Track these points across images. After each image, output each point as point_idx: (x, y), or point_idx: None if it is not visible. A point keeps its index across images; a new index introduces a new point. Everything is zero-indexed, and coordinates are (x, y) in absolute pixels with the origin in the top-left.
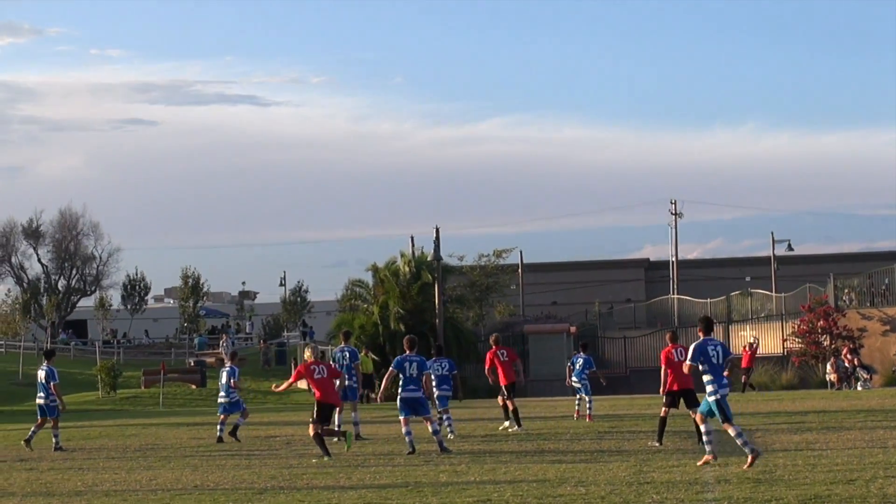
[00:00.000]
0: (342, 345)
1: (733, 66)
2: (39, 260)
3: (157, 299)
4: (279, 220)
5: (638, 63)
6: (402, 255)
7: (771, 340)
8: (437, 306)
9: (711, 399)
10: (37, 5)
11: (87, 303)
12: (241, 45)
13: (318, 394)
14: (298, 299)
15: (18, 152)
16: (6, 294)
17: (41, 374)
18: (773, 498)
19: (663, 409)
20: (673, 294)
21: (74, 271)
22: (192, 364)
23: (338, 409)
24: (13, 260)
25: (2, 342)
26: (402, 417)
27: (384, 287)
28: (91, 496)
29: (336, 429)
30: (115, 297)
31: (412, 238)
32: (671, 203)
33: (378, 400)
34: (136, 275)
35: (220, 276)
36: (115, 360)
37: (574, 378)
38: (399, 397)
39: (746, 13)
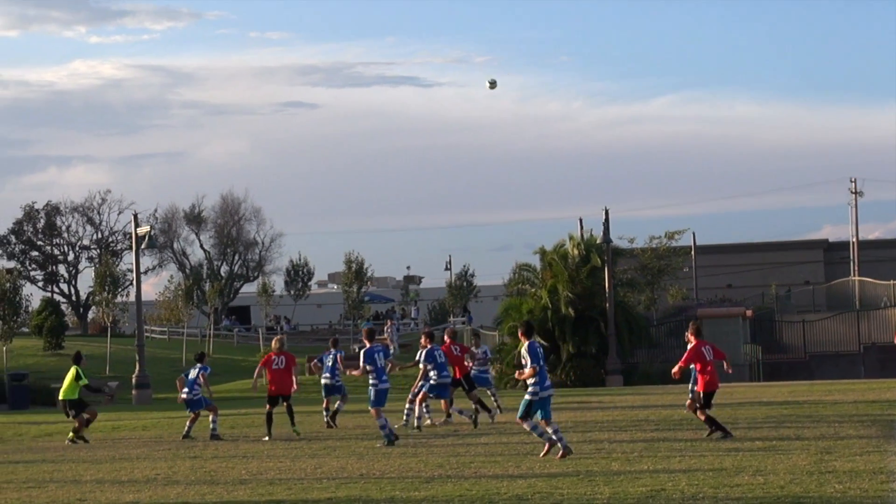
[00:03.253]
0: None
1: None
2: (202, 246)
3: (321, 284)
4: (444, 203)
5: (813, 36)
6: (571, 238)
7: None
8: (606, 290)
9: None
10: None
11: (249, 289)
12: (403, 25)
13: (271, 387)
14: (464, 283)
15: (179, 137)
16: (169, 281)
17: (193, 372)
18: None
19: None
20: (854, 276)
21: (237, 257)
22: (357, 350)
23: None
24: (175, 246)
25: (165, 329)
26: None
27: (552, 271)
28: (255, 485)
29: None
30: (277, 283)
31: (580, 220)
32: (851, 181)
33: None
34: (299, 260)
35: (384, 260)
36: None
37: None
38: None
39: None
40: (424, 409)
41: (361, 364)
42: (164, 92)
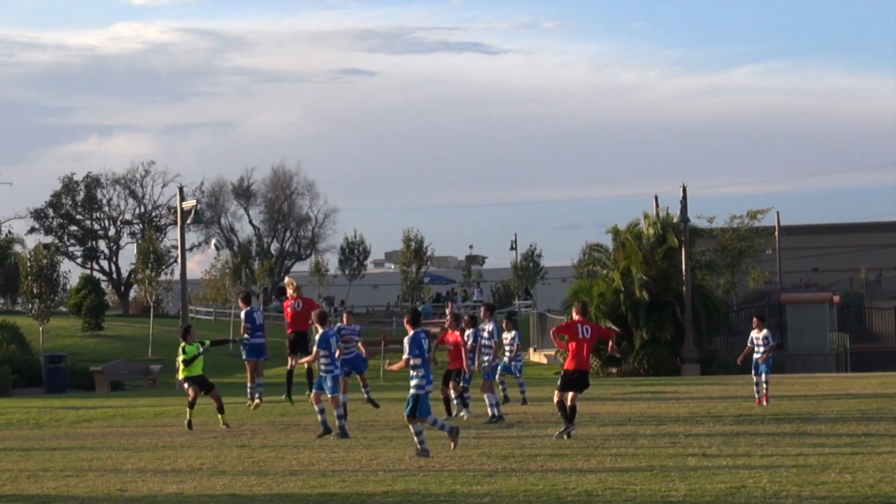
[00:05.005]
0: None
1: None
2: (251, 221)
3: (377, 264)
4: (509, 179)
5: None
6: (646, 217)
7: None
8: (683, 273)
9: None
10: None
11: (301, 267)
12: None
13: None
14: (531, 264)
15: (228, 106)
16: (215, 258)
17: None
18: None
19: None
20: None
21: (288, 234)
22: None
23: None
24: (223, 221)
25: (211, 310)
26: None
27: (625, 251)
28: (307, 476)
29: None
30: (331, 262)
31: (656, 198)
32: None
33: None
34: (355, 238)
35: (445, 239)
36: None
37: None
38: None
39: None
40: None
41: (406, 355)
42: (212, 57)
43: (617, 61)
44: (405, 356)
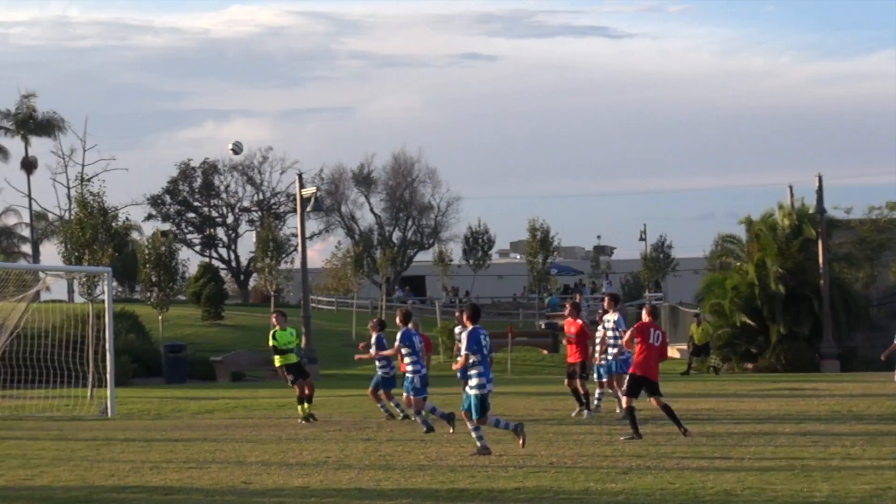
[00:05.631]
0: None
1: None
2: (372, 209)
3: (502, 254)
4: (638, 167)
5: None
6: (781, 207)
7: None
8: (821, 265)
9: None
10: None
11: (424, 257)
12: None
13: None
14: (661, 255)
15: (346, 91)
16: (336, 247)
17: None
18: None
19: None
20: None
21: (410, 222)
22: (543, 326)
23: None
24: (343, 209)
25: (332, 300)
26: None
27: (760, 243)
28: (435, 471)
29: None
30: (455, 251)
31: (790, 188)
32: None
33: None
34: (479, 227)
35: (572, 228)
36: (457, 321)
37: None
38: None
39: None
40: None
41: (464, 350)
42: (329, 41)
43: (746, 46)
44: (464, 351)
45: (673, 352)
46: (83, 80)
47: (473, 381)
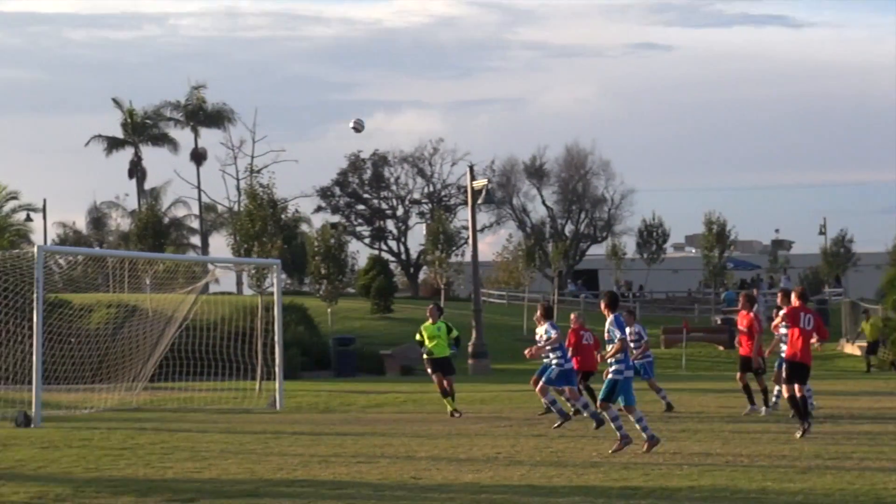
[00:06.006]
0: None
1: None
2: (544, 202)
3: (677, 248)
4: (818, 159)
5: None
6: None
7: None
8: None
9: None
10: None
11: (597, 250)
12: None
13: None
14: (841, 250)
15: (519, 81)
16: (507, 240)
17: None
18: None
19: None
20: None
21: (583, 215)
22: (719, 322)
23: None
24: (514, 202)
25: (503, 293)
26: None
27: None
28: (608, 468)
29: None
30: (629, 245)
31: None
32: None
33: None
34: (653, 220)
35: (749, 222)
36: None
37: None
38: None
39: None
40: None
41: (619, 335)
42: (502, 31)
43: None
44: (618, 337)
45: (854, 349)
46: (253, 71)
47: (613, 367)
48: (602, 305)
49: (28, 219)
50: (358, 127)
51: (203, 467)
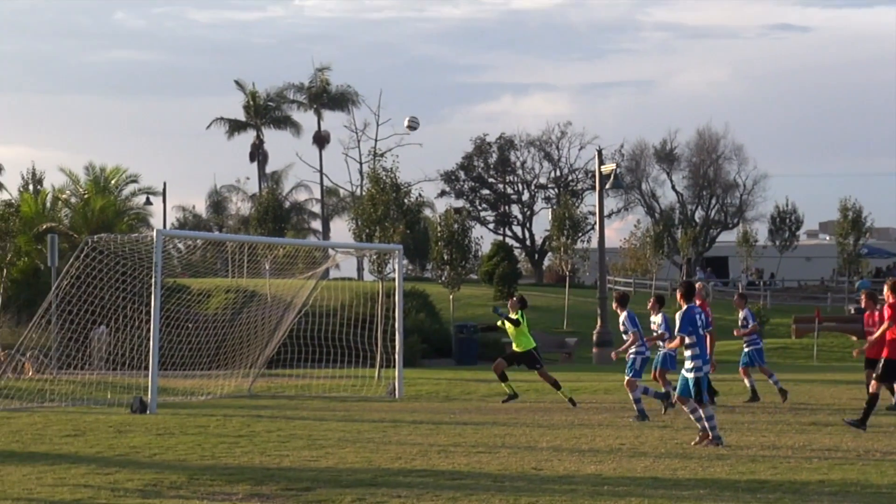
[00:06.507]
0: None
1: None
2: (673, 187)
3: (811, 235)
4: None
5: None
6: None
7: None
8: None
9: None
10: None
11: (727, 237)
12: None
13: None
14: None
15: (650, 64)
16: (635, 226)
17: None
18: None
19: None
20: None
21: (714, 201)
22: (853, 311)
23: None
24: (643, 187)
25: (630, 280)
26: None
27: None
28: (734, 461)
29: None
30: (760, 232)
31: None
32: None
33: None
34: (787, 206)
35: (887, 208)
36: (762, 305)
37: None
38: None
39: None
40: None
41: (679, 332)
42: (634, 12)
43: None
44: (679, 333)
45: None
46: (378, 52)
47: (689, 364)
48: (679, 296)
49: (147, 202)
50: (413, 125)
51: (320, 456)
